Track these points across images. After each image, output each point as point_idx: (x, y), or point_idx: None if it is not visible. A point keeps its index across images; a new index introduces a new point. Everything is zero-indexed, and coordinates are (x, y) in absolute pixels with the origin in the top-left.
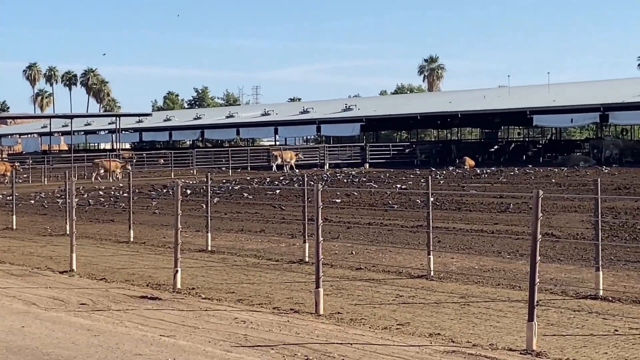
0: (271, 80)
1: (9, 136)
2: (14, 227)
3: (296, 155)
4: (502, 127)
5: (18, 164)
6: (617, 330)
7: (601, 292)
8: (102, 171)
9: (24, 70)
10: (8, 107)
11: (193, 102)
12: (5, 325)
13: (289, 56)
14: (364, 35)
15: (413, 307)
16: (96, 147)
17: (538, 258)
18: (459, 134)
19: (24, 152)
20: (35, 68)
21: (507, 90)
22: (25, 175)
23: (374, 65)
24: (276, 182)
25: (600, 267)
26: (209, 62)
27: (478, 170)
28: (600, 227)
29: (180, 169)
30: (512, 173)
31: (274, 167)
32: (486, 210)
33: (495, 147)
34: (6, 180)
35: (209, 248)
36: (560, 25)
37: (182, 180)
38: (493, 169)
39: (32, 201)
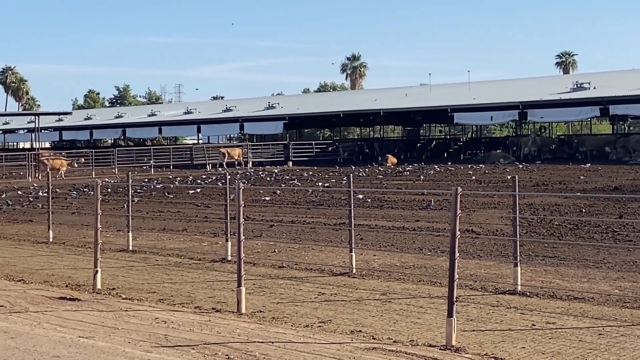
0: (194, 79)
1: None
2: None
3: (244, 152)
4: (424, 125)
5: None
6: (534, 325)
7: (519, 288)
8: (49, 169)
9: None
10: None
11: (114, 100)
12: None
13: (211, 54)
14: (286, 34)
15: (335, 305)
16: (15, 147)
17: (457, 254)
18: (382, 132)
19: None
20: None
21: (429, 88)
22: None
23: (296, 63)
24: (199, 181)
25: (519, 263)
26: (131, 60)
27: (400, 168)
28: (518, 224)
29: (102, 168)
30: (434, 170)
31: (223, 165)
32: (408, 207)
33: (418, 144)
34: None
35: (130, 248)
36: (480, 23)
37: (104, 180)
38: (415, 166)
39: None
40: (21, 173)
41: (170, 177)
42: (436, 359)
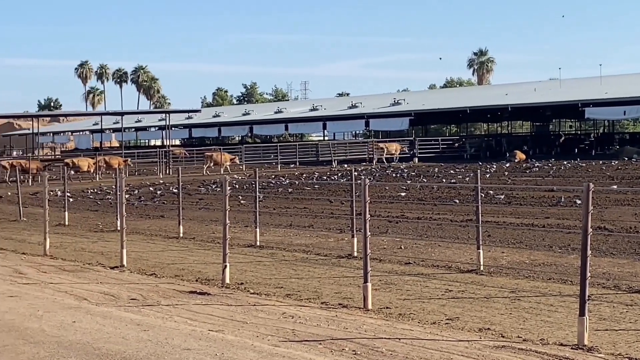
0: (319, 76)
1: (62, 133)
2: (67, 223)
3: (402, 147)
4: (554, 120)
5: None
6: None
7: None
8: (212, 164)
9: (75, 69)
10: (60, 105)
11: (242, 98)
12: (57, 320)
13: (337, 51)
14: (412, 29)
15: (462, 302)
16: (147, 144)
17: (589, 252)
18: (509, 128)
19: (76, 149)
20: (86, 66)
21: (558, 83)
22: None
23: (422, 59)
24: (324, 177)
25: None
26: (257, 58)
27: (529, 164)
28: None
29: (230, 165)
30: (563, 167)
31: (383, 159)
32: (537, 204)
33: (548, 140)
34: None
35: (258, 243)
36: (612, 15)
37: (232, 176)
38: (544, 162)
39: (91, 197)
40: (154, 169)
41: (297, 173)
42: (568, 359)
